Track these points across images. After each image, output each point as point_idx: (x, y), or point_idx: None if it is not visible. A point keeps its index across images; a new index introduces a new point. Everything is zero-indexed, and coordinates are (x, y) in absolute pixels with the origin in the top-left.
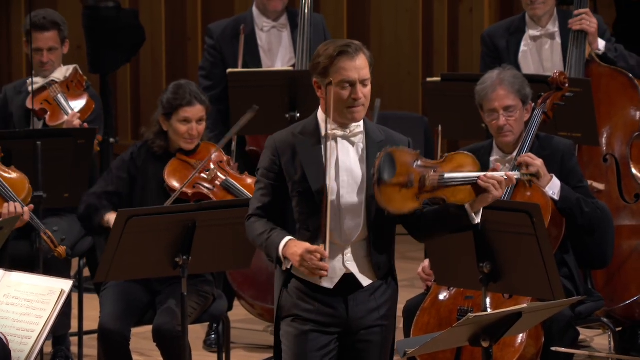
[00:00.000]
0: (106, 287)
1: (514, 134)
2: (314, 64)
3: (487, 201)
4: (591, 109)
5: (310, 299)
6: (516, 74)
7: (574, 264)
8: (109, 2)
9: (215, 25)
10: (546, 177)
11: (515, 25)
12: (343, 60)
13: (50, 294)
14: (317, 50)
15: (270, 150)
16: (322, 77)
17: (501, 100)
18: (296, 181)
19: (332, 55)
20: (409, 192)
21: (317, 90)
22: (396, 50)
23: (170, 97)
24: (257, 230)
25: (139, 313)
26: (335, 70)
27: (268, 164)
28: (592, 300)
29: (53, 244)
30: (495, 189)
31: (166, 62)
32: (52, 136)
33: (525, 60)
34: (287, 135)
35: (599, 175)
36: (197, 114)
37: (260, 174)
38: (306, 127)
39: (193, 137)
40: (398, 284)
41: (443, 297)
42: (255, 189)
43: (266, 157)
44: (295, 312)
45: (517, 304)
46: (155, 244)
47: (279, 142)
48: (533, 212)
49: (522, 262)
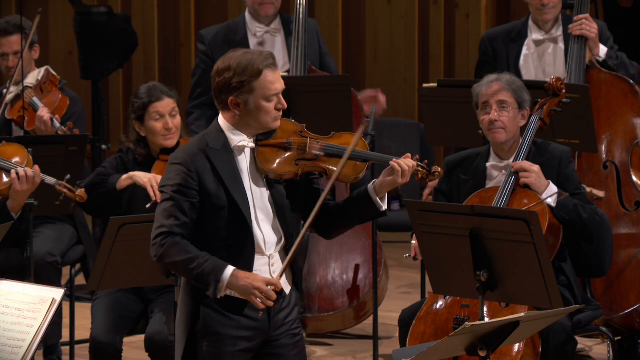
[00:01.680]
0: (98, 297)
1: (506, 132)
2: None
3: (391, 185)
4: (589, 115)
5: (234, 314)
6: (514, 79)
7: (571, 272)
8: (100, 7)
9: (207, 31)
10: (543, 183)
11: (517, 30)
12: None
13: (41, 302)
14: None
15: (185, 166)
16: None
17: (495, 95)
18: (214, 195)
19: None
20: (287, 156)
21: (232, 108)
22: (391, 56)
23: (137, 100)
24: (188, 252)
25: (131, 323)
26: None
27: (183, 180)
28: (591, 309)
29: (71, 192)
30: (403, 175)
31: (159, 67)
32: (44, 143)
33: (526, 64)
34: (197, 150)
35: (598, 182)
36: (168, 107)
37: (174, 191)
38: (214, 141)
39: (170, 131)
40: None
41: (439, 305)
42: (164, 206)
43: (179, 174)
44: (218, 331)
45: (514, 312)
46: (148, 252)
47: (192, 157)
48: (530, 219)
49: (519, 270)
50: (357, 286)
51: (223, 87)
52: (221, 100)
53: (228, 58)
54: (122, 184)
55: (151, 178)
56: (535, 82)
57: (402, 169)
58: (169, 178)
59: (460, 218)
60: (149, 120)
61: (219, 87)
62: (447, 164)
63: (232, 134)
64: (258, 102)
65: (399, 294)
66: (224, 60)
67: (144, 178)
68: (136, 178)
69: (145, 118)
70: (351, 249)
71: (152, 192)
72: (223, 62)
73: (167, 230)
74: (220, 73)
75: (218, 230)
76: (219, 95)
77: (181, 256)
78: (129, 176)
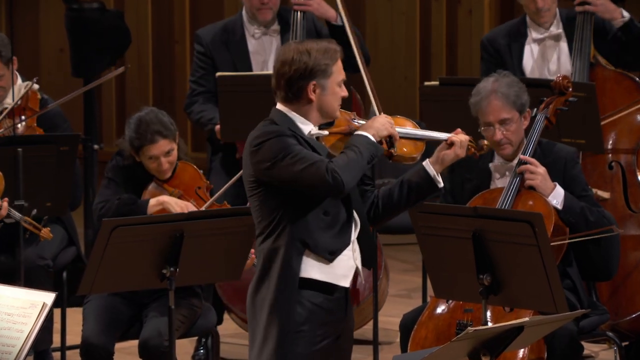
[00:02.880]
0: (89, 300)
1: (512, 145)
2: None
3: (450, 160)
4: (596, 115)
5: (323, 309)
6: (511, 81)
7: (577, 276)
8: (93, 3)
9: (204, 32)
10: (549, 186)
11: (515, 28)
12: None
13: (31, 307)
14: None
15: (282, 134)
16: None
17: (496, 113)
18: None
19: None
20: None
21: (310, 94)
22: (392, 54)
23: (132, 135)
24: (342, 157)
25: (123, 327)
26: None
27: (290, 140)
28: (597, 314)
29: (36, 229)
30: (460, 146)
31: (153, 65)
32: (34, 143)
33: (529, 64)
34: (278, 127)
35: (603, 183)
36: (162, 150)
37: (293, 146)
38: (284, 126)
39: (163, 172)
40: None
41: (441, 310)
42: (299, 156)
43: (281, 139)
44: (305, 329)
45: (518, 317)
46: (141, 255)
47: (281, 129)
48: (535, 221)
49: (523, 274)
50: (356, 290)
51: (303, 73)
52: (297, 88)
53: (295, 48)
54: (151, 210)
55: (183, 207)
56: (541, 81)
57: (461, 141)
58: (276, 149)
59: (462, 220)
60: (143, 158)
61: (296, 74)
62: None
63: (301, 123)
64: (333, 88)
65: (399, 297)
66: (292, 51)
67: (176, 207)
68: (167, 205)
69: (139, 153)
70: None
71: None
72: (294, 52)
73: (324, 160)
74: (295, 61)
75: (317, 205)
76: (295, 83)
77: (345, 161)
78: (159, 202)
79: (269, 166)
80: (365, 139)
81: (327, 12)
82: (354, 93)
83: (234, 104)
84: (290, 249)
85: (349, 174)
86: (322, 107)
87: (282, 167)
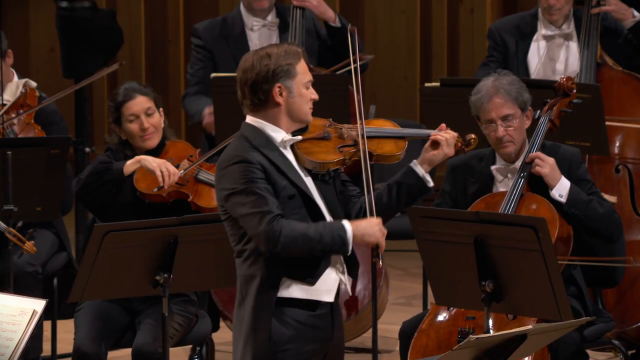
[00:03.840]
0: (81, 307)
1: (515, 144)
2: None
3: (439, 159)
4: (601, 117)
5: (308, 326)
6: (512, 79)
7: (582, 282)
8: (84, 2)
9: (202, 25)
10: (556, 177)
11: (526, 22)
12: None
13: (21, 314)
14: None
15: (246, 162)
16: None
17: (498, 109)
18: (281, 185)
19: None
20: (329, 145)
21: (276, 97)
22: (392, 54)
23: (111, 102)
24: (301, 224)
25: (116, 334)
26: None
27: (251, 173)
28: (602, 321)
29: (20, 241)
30: (447, 145)
31: (146, 66)
32: (24, 145)
33: (534, 61)
34: (248, 147)
35: (610, 187)
36: (141, 106)
37: (250, 183)
38: (256, 139)
39: (147, 131)
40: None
41: (442, 317)
42: (250, 200)
43: (244, 169)
44: (291, 347)
45: (521, 325)
46: (134, 261)
47: (247, 152)
48: (538, 226)
49: (527, 280)
50: (355, 297)
51: (265, 76)
52: (262, 93)
53: (254, 54)
54: (129, 168)
55: (160, 163)
56: (544, 82)
57: (446, 139)
58: (235, 178)
59: (464, 225)
60: (125, 123)
61: (259, 78)
62: (450, 165)
63: (272, 131)
64: (300, 89)
65: (399, 305)
66: (252, 57)
67: (152, 163)
68: (144, 162)
69: (121, 120)
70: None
71: (161, 178)
72: (254, 58)
73: (274, 213)
74: (255, 66)
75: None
76: (259, 88)
77: (301, 227)
78: (136, 160)
79: (226, 196)
80: (341, 231)
81: (326, 12)
82: (352, 94)
83: (229, 105)
84: (267, 277)
85: (291, 246)
86: (291, 111)
87: (234, 202)
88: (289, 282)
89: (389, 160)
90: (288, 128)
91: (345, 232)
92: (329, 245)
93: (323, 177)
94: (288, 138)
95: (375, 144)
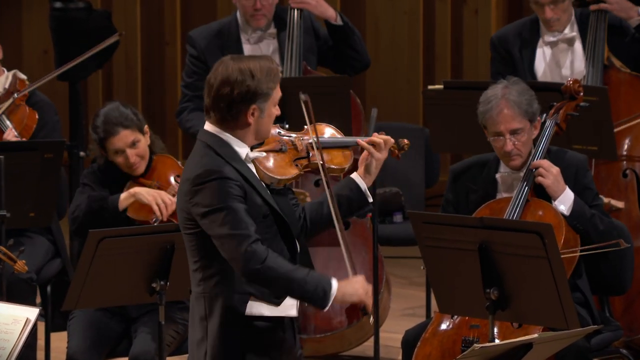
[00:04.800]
0: (74, 315)
1: (522, 156)
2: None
3: (372, 168)
4: (608, 120)
5: (277, 340)
6: (522, 89)
7: (588, 289)
8: (79, 2)
9: (198, 34)
10: (560, 188)
11: (527, 28)
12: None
13: (14, 322)
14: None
15: (223, 177)
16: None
17: (507, 123)
18: (253, 203)
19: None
20: (285, 158)
21: (248, 117)
22: (394, 56)
23: (93, 134)
24: (288, 264)
25: (111, 343)
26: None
27: (230, 189)
28: (610, 330)
29: (11, 260)
30: (380, 149)
31: (142, 68)
32: (17, 150)
33: (541, 67)
34: (220, 161)
35: (617, 192)
36: (125, 140)
37: (229, 201)
38: (225, 153)
39: (134, 164)
40: None
41: (446, 326)
42: (229, 220)
43: (221, 186)
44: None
45: (527, 334)
46: (129, 268)
47: (222, 167)
48: (544, 232)
49: (532, 288)
50: (355, 305)
51: (245, 96)
52: (236, 111)
53: (235, 65)
54: (123, 203)
55: (156, 196)
56: (551, 85)
57: (375, 144)
58: (213, 195)
59: (468, 231)
60: (109, 155)
61: (239, 98)
62: (453, 172)
63: (237, 146)
64: (270, 110)
65: (402, 313)
66: (234, 71)
67: (148, 196)
68: (139, 196)
69: (105, 150)
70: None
71: (159, 212)
72: (237, 72)
73: (253, 237)
74: (237, 83)
75: (265, 241)
76: (235, 105)
77: (286, 266)
78: (130, 194)
79: (203, 213)
80: (327, 285)
81: (327, 11)
82: (353, 97)
83: None
84: (235, 296)
85: (270, 278)
86: (258, 131)
87: (212, 221)
88: (255, 303)
89: (336, 172)
90: (250, 144)
91: (330, 287)
92: (309, 293)
93: (278, 190)
94: (253, 155)
95: (327, 157)
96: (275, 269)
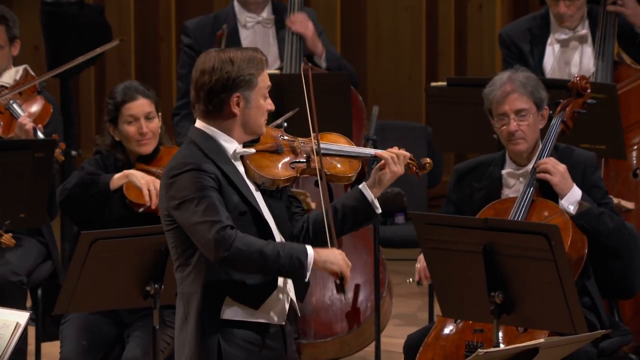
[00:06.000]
0: (67, 320)
1: (527, 141)
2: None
3: (385, 180)
4: (617, 118)
5: (259, 347)
6: (529, 75)
7: (596, 293)
8: None
9: (193, 23)
10: (567, 185)
11: (537, 24)
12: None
13: (3, 327)
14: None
15: (198, 169)
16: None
17: (512, 102)
18: (231, 200)
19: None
20: (280, 159)
21: (233, 107)
22: (395, 52)
23: (110, 100)
24: (258, 240)
25: (104, 348)
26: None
27: (204, 181)
28: (619, 334)
29: None
30: (393, 162)
31: (135, 64)
32: (7, 149)
33: (549, 63)
34: (200, 156)
35: (627, 192)
36: (142, 109)
37: (202, 191)
38: (208, 149)
39: (145, 136)
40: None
41: (449, 330)
42: (202, 209)
43: (195, 177)
44: None
45: (532, 338)
46: (123, 271)
47: (199, 160)
48: (551, 234)
49: (538, 291)
50: (357, 309)
51: (225, 83)
52: (218, 101)
53: (217, 55)
54: (116, 183)
55: (149, 181)
56: (558, 81)
57: (391, 157)
58: (186, 186)
59: (472, 232)
60: (122, 124)
61: (218, 85)
62: (457, 171)
63: (224, 141)
64: (258, 100)
65: (404, 317)
66: (213, 59)
67: (141, 179)
68: (133, 177)
69: (118, 121)
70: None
71: (148, 197)
72: (216, 60)
73: (224, 223)
74: (216, 70)
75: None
76: (216, 95)
77: (258, 243)
78: (124, 175)
79: (177, 205)
80: (301, 254)
81: (316, 47)
82: (354, 95)
83: None
84: (209, 295)
85: (242, 258)
86: (246, 123)
87: (185, 210)
88: (232, 307)
89: (340, 181)
90: (240, 139)
91: (306, 256)
92: (285, 266)
93: (272, 193)
94: (241, 151)
95: (329, 163)
96: (245, 251)
